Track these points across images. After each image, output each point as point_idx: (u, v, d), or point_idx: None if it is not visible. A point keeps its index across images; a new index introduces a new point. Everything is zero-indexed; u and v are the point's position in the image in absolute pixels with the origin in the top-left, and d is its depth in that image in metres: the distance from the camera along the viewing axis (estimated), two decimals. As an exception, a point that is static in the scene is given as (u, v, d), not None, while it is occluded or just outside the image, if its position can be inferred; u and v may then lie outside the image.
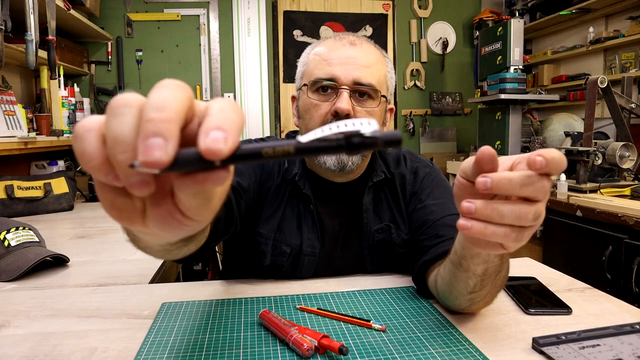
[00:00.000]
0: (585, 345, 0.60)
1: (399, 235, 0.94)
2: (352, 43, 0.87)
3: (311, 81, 0.86)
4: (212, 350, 0.63)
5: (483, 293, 0.65)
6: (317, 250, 0.92)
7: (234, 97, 3.13)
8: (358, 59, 0.85)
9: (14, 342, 0.67)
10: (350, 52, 0.85)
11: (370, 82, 0.85)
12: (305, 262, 0.92)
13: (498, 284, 0.66)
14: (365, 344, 0.64)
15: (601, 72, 2.68)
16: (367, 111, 0.85)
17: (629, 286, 1.61)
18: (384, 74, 0.89)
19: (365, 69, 0.85)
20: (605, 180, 2.05)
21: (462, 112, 3.48)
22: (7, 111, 1.90)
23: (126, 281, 0.97)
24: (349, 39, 0.88)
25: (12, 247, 1.05)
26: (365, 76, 0.84)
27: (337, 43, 0.87)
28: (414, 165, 1.00)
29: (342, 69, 0.84)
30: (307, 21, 3.23)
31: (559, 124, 2.49)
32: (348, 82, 0.84)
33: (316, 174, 0.94)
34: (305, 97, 0.88)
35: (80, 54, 2.83)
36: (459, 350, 0.62)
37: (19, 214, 1.82)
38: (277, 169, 0.95)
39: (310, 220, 0.93)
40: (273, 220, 0.92)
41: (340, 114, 0.82)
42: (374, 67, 0.86)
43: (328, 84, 0.84)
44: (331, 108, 0.84)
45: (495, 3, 3.44)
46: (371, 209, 0.95)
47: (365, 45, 0.88)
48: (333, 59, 0.85)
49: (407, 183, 0.97)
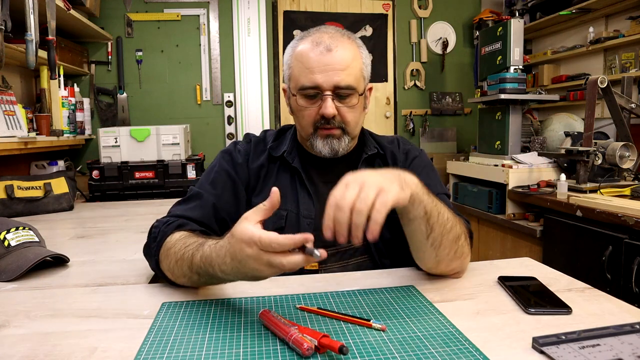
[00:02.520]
0: (585, 345, 0.60)
1: None
2: (328, 49, 0.96)
3: (298, 89, 0.99)
4: (212, 349, 0.63)
5: (442, 253, 0.84)
6: (312, 213, 1.03)
7: (234, 97, 3.13)
8: (335, 65, 0.96)
9: (14, 342, 0.67)
10: (328, 58, 0.96)
11: (348, 83, 0.97)
12: (305, 225, 1.02)
13: (453, 246, 0.84)
14: (365, 344, 0.64)
15: (601, 72, 2.68)
16: (349, 108, 0.99)
17: (629, 286, 1.61)
18: (360, 69, 1.01)
19: (342, 72, 0.96)
20: (605, 180, 2.05)
21: (462, 112, 3.48)
22: (7, 111, 1.90)
23: (126, 281, 0.97)
24: (325, 43, 0.97)
25: (12, 247, 1.05)
26: (344, 79, 0.96)
27: (315, 49, 0.97)
28: (406, 147, 1.14)
29: (323, 77, 0.96)
30: (307, 21, 3.23)
31: (559, 124, 2.48)
32: (329, 88, 0.96)
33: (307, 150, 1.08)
34: (294, 100, 1.02)
35: (80, 54, 2.83)
36: (459, 350, 0.62)
37: (19, 214, 1.82)
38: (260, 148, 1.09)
39: (304, 188, 1.05)
40: (265, 191, 1.03)
41: (327, 117, 0.97)
42: (351, 67, 0.98)
43: (313, 91, 0.97)
44: (319, 111, 0.98)
45: (495, 3, 3.43)
46: None
47: (341, 45, 0.98)
48: (314, 67, 0.96)
49: (398, 160, 1.10)
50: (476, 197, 2.60)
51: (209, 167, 1.10)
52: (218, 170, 1.05)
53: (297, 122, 1.05)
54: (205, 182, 1.04)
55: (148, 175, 2.37)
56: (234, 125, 3.14)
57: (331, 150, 1.01)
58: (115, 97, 3.01)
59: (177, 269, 0.82)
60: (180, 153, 2.45)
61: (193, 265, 0.77)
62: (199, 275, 0.78)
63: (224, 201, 1.02)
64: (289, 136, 1.12)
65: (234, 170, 1.06)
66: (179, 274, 0.82)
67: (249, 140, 1.13)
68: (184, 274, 0.81)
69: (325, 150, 1.01)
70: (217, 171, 1.05)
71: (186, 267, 0.79)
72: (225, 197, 1.02)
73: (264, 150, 1.10)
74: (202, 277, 0.78)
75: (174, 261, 0.82)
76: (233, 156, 1.08)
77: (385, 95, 3.40)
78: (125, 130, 2.42)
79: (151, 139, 2.43)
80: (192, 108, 3.10)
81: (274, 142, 1.11)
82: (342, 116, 0.99)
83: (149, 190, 2.37)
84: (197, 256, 0.76)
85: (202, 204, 1.00)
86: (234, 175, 1.05)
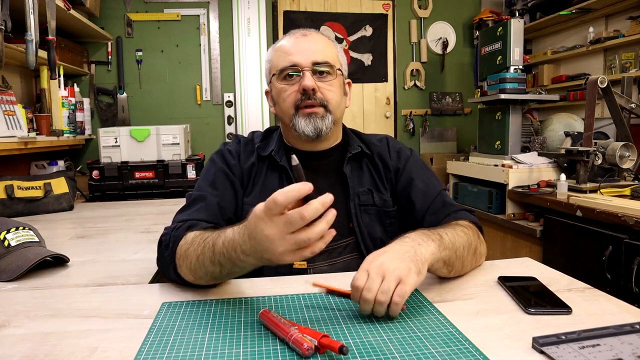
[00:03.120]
0: (585, 345, 0.60)
1: (381, 198, 1.09)
2: (304, 35, 1.04)
3: (278, 71, 1.03)
4: (212, 349, 0.63)
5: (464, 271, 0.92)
6: None
7: (234, 97, 3.13)
8: (312, 46, 1.03)
9: (14, 342, 0.67)
10: (304, 41, 1.03)
11: (325, 59, 1.02)
12: None
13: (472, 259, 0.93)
14: (365, 344, 0.64)
15: (601, 72, 2.68)
16: (328, 84, 1.02)
17: (629, 286, 1.61)
18: (336, 53, 1.07)
19: (319, 52, 1.02)
20: (605, 180, 2.05)
21: (462, 112, 3.48)
22: (7, 111, 1.90)
23: (126, 281, 0.97)
24: (301, 31, 1.06)
25: (12, 247, 1.05)
26: (321, 56, 1.02)
27: (291, 38, 1.05)
28: (396, 146, 1.16)
29: (300, 56, 1.01)
30: (307, 21, 3.23)
31: (559, 124, 2.48)
32: (308, 64, 1.01)
33: (294, 147, 1.08)
34: (275, 86, 1.05)
35: (80, 54, 2.83)
36: (459, 350, 0.62)
37: (19, 214, 1.82)
38: (250, 149, 1.11)
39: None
40: (255, 190, 1.06)
41: (307, 90, 0.99)
42: (326, 49, 1.04)
43: (292, 70, 1.01)
44: (299, 88, 1.00)
45: (495, 3, 3.43)
46: (354, 176, 1.09)
47: (315, 34, 1.06)
48: (291, 49, 1.02)
49: (388, 160, 1.12)
50: (476, 197, 2.60)
51: (203, 171, 1.09)
52: (215, 172, 1.05)
53: (279, 109, 1.05)
54: (204, 185, 1.03)
55: (148, 175, 2.37)
56: (234, 125, 3.14)
57: (315, 129, 1.00)
58: (115, 97, 3.01)
59: (199, 266, 0.80)
60: (180, 153, 2.45)
61: (215, 255, 0.76)
62: (220, 267, 0.76)
63: (227, 201, 1.02)
64: (275, 137, 1.12)
65: (229, 170, 1.06)
66: (202, 273, 0.81)
67: (238, 141, 1.13)
68: (207, 270, 0.79)
69: (309, 128, 1.00)
70: (214, 172, 1.05)
71: (208, 261, 0.78)
72: (227, 196, 1.03)
73: (252, 150, 1.10)
74: (224, 268, 0.76)
75: (194, 259, 0.80)
76: (226, 157, 1.08)
77: (385, 95, 3.40)
78: (125, 130, 2.42)
79: (151, 139, 2.43)
80: (192, 108, 3.10)
81: (261, 142, 1.12)
82: (323, 94, 1.01)
83: (149, 190, 2.37)
84: (219, 242, 0.75)
85: (207, 205, 0.98)
86: (231, 175, 1.05)
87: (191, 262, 0.81)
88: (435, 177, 1.12)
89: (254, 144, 1.12)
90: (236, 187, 1.05)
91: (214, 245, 0.76)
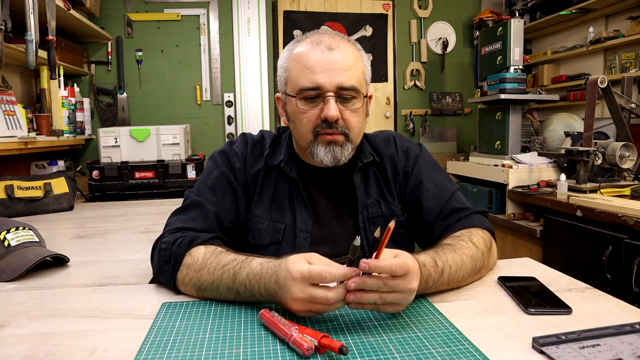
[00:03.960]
0: (585, 345, 0.60)
1: (389, 208, 1.04)
2: (330, 48, 0.91)
3: (297, 90, 0.92)
4: (212, 350, 0.63)
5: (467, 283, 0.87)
6: (309, 227, 0.99)
7: (234, 97, 3.13)
8: (339, 64, 0.90)
9: (14, 342, 0.67)
10: (330, 56, 0.90)
11: (352, 84, 0.91)
12: (301, 239, 0.99)
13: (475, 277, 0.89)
14: (365, 344, 0.64)
15: (601, 72, 2.67)
16: (353, 112, 0.93)
17: (629, 286, 1.61)
18: (363, 72, 0.96)
19: (346, 72, 0.90)
20: (605, 180, 2.05)
21: (462, 112, 3.48)
22: (7, 111, 1.90)
23: (126, 281, 0.97)
24: (326, 42, 0.91)
25: (12, 247, 1.05)
26: (348, 79, 0.90)
27: (316, 49, 0.91)
28: (404, 145, 1.09)
29: (325, 77, 0.89)
30: (307, 21, 3.23)
31: (559, 124, 2.48)
32: (332, 89, 0.89)
33: (303, 160, 1.02)
34: (292, 104, 0.94)
35: (80, 54, 2.83)
36: (459, 350, 0.62)
37: (19, 214, 1.82)
38: (258, 151, 1.03)
39: (301, 200, 1.01)
40: (264, 200, 1.01)
41: (329, 121, 0.90)
42: (354, 68, 0.92)
43: (315, 93, 0.90)
44: (320, 114, 0.91)
45: (495, 3, 3.43)
46: (362, 187, 1.04)
47: (342, 46, 0.92)
48: (315, 67, 0.90)
49: (397, 162, 1.06)
50: (476, 197, 2.60)
51: (205, 169, 1.03)
52: (217, 176, 0.99)
53: (295, 129, 0.97)
54: (204, 189, 0.98)
55: (148, 175, 2.37)
56: (234, 125, 3.14)
57: (333, 159, 0.93)
58: (115, 97, 3.01)
59: (212, 289, 0.80)
60: (180, 153, 2.45)
61: (235, 284, 0.76)
62: (237, 294, 0.77)
63: (226, 209, 0.97)
64: (285, 143, 1.04)
65: (233, 175, 1.00)
66: (212, 295, 0.81)
67: (245, 141, 1.05)
68: (219, 294, 0.80)
69: (328, 158, 0.93)
70: (215, 176, 0.99)
71: (224, 288, 0.78)
72: (226, 205, 0.97)
73: (261, 153, 1.03)
74: (239, 296, 0.77)
75: (207, 282, 0.80)
76: (231, 160, 1.01)
77: (385, 95, 3.40)
78: (125, 130, 2.42)
79: (151, 139, 2.43)
80: (192, 108, 3.10)
81: (271, 147, 1.04)
82: (346, 121, 0.92)
83: (149, 190, 2.37)
84: (243, 274, 0.75)
85: (204, 213, 0.94)
86: (233, 182, 0.99)
87: (202, 284, 0.81)
88: (446, 177, 1.06)
89: (262, 146, 1.04)
90: (237, 195, 0.99)
91: (236, 275, 0.76)
